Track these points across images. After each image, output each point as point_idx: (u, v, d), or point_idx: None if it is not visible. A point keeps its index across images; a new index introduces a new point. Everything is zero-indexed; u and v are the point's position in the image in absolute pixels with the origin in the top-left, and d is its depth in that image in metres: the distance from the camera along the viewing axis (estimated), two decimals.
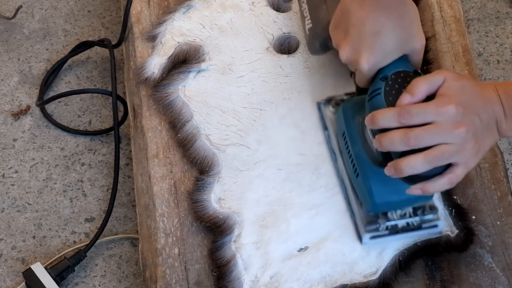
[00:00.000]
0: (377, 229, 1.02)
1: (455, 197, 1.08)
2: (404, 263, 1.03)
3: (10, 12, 1.41)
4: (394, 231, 1.02)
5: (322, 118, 1.11)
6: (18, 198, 1.25)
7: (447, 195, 1.08)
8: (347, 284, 1.02)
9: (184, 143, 1.12)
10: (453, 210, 1.06)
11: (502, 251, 1.05)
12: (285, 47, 1.19)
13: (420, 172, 0.91)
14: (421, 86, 0.93)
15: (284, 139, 1.11)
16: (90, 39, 1.39)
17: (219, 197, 1.08)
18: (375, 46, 0.96)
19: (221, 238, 1.05)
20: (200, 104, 1.14)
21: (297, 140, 1.11)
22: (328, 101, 1.11)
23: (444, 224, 1.04)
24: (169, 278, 1.04)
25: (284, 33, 1.18)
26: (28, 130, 1.31)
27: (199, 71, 1.16)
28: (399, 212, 1.02)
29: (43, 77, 1.35)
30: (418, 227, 1.02)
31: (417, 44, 0.99)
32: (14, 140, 1.30)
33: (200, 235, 1.07)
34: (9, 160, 1.29)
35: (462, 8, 1.23)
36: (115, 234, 1.22)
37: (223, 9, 1.21)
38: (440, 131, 0.90)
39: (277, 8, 1.21)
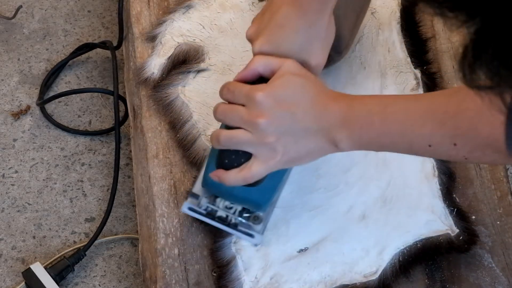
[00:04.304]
0: (198, 204, 1.02)
1: (454, 195, 1.08)
2: (404, 263, 1.03)
3: (10, 12, 1.41)
4: (211, 216, 1.02)
5: None
6: (18, 198, 1.25)
7: (448, 194, 1.08)
8: (347, 284, 1.03)
9: (184, 143, 1.12)
10: (454, 210, 1.06)
11: (502, 251, 1.05)
12: None
13: (224, 148, 0.94)
14: (256, 64, 0.94)
15: None
16: (90, 39, 1.39)
17: None
18: (273, 36, 0.95)
19: (221, 239, 1.05)
20: (200, 104, 1.14)
21: None
22: None
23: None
24: (169, 278, 1.04)
25: None
26: (28, 130, 1.31)
27: (199, 72, 1.16)
28: (227, 203, 1.02)
29: (43, 77, 1.35)
30: (234, 226, 1.02)
31: (311, 60, 0.96)
32: (14, 140, 1.30)
33: (200, 236, 1.07)
34: (9, 160, 1.29)
35: None
36: (115, 234, 1.22)
37: (223, 9, 1.21)
38: (242, 115, 0.92)
39: None
